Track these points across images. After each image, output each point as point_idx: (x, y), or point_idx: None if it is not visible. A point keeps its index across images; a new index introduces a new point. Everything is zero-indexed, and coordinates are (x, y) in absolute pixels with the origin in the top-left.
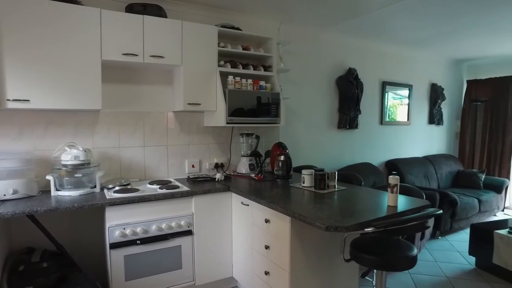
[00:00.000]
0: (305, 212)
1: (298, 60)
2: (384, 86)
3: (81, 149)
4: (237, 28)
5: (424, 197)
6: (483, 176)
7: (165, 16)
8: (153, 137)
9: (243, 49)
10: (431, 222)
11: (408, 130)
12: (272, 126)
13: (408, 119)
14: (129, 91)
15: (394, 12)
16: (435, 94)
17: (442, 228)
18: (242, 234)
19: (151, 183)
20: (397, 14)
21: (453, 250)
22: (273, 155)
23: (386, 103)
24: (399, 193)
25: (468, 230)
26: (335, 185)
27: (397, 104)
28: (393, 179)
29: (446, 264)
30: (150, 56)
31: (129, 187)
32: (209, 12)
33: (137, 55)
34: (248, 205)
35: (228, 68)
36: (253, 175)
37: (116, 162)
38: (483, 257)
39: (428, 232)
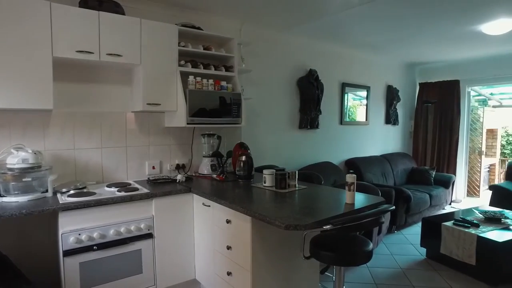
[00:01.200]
0: (265, 212)
1: (260, 61)
2: (344, 87)
3: (30, 151)
4: (198, 28)
5: (380, 194)
6: (434, 173)
7: (123, 13)
8: (112, 138)
9: (204, 49)
10: (387, 218)
11: (367, 130)
12: (234, 126)
13: (366, 119)
14: (86, 91)
15: (350, 17)
16: (391, 95)
17: (398, 223)
18: (204, 236)
19: (109, 186)
20: (354, 19)
21: (407, 243)
22: (235, 155)
23: (346, 104)
24: (357, 191)
25: (420, 224)
26: (296, 184)
27: (357, 105)
28: (350, 178)
29: (400, 257)
30: (107, 54)
31: (85, 190)
32: (169, 11)
33: (92, 53)
34: (209, 206)
35: (189, 68)
36: (215, 175)
37: (71, 164)
38: (432, 248)
39: (385, 227)
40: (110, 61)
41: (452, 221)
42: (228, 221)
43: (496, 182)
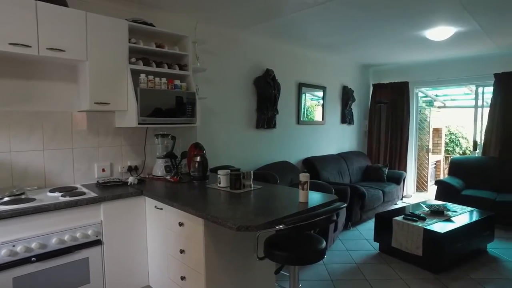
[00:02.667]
0: (218, 213)
1: (216, 60)
2: (300, 87)
3: None
4: (150, 24)
5: (334, 192)
6: (386, 170)
7: (65, 5)
8: (55, 140)
9: (157, 46)
10: (343, 215)
11: (323, 129)
12: (189, 126)
13: (323, 119)
14: (24, 88)
15: (306, 17)
16: (346, 95)
17: (353, 219)
18: (157, 240)
19: (52, 191)
20: (309, 20)
21: (362, 238)
22: (190, 156)
23: (303, 104)
24: (312, 190)
25: (374, 218)
26: (251, 185)
27: (315, 105)
28: (303, 177)
29: (355, 252)
30: (47, 48)
31: (23, 196)
32: (119, 5)
33: (30, 47)
34: (161, 209)
35: (141, 66)
36: (168, 177)
37: (6, 169)
38: (385, 242)
39: (341, 224)
40: (51, 56)
41: (402, 216)
42: (180, 224)
43: (441, 177)
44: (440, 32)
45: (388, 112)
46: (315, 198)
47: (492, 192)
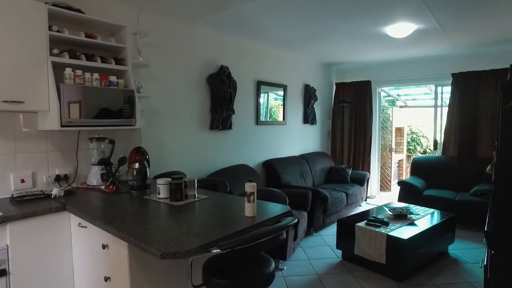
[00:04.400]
0: (143, 235)
1: (163, 55)
2: (259, 85)
3: None
4: (78, 10)
5: (288, 201)
6: (350, 171)
7: None
8: None
9: (86, 36)
10: (305, 221)
11: (284, 129)
12: (129, 128)
13: (284, 119)
14: None
15: (259, 10)
16: (308, 94)
17: (316, 224)
18: (83, 265)
19: None
20: (262, 13)
21: (325, 245)
22: (130, 162)
23: (263, 103)
24: (263, 198)
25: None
26: (195, 195)
27: (278, 104)
28: (249, 187)
29: (317, 261)
30: None
31: None
32: None
33: None
34: (86, 227)
35: (66, 59)
36: (103, 187)
37: None
38: (347, 249)
39: (302, 230)
40: None
41: (364, 221)
42: (104, 246)
43: (404, 176)
44: (401, 29)
45: (351, 112)
46: (265, 210)
47: (452, 192)
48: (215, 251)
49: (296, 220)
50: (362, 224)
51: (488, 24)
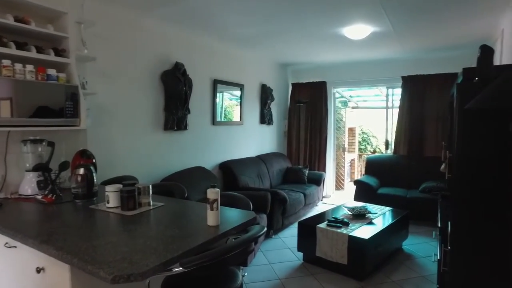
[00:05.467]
0: (90, 254)
1: (112, 48)
2: (215, 84)
3: None
4: None
5: (251, 206)
6: (307, 171)
7: None
8: None
9: (16, 20)
10: (264, 223)
11: (241, 130)
12: (72, 129)
13: (240, 119)
14: None
15: (216, 5)
16: (265, 94)
17: (275, 227)
18: None
19: None
20: (220, 8)
21: (285, 247)
22: (74, 166)
23: (219, 103)
24: (226, 204)
25: (297, 224)
26: (149, 202)
27: (234, 104)
28: (212, 193)
29: (279, 265)
30: None
31: None
32: None
33: None
34: (15, 247)
35: None
36: (40, 196)
37: None
38: (309, 251)
39: None
40: None
41: (325, 222)
42: (39, 270)
43: (356, 175)
44: (358, 31)
45: (307, 112)
46: (228, 218)
47: (403, 189)
48: (177, 269)
49: (265, 229)
50: (323, 225)
51: (436, 31)
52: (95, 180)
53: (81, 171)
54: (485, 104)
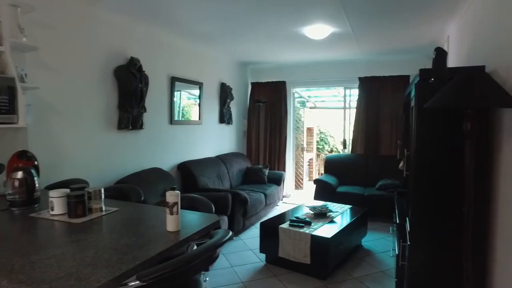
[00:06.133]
0: (27, 273)
1: (58, 38)
2: (173, 82)
3: None
4: None
5: (213, 209)
6: (267, 171)
7: None
8: None
9: None
10: (225, 225)
11: (200, 129)
12: (10, 127)
13: (199, 118)
14: None
15: None
16: (225, 93)
17: (236, 228)
18: None
19: None
20: (179, 2)
21: (247, 249)
22: (10, 170)
23: (178, 101)
24: (186, 208)
25: (258, 225)
26: (102, 207)
27: (192, 104)
28: (171, 196)
29: (241, 267)
30: None
31: None
32: None
33: None
34: None
35: None
36: None
37: None
38: (271, 252)
39: None
40: None
41: (287, 222)
42: None
43: (314, 174)
44: (318, 31)
45: (266, 112)
46: (190, 222)
47: (361, 187)
48: (133, 283)
49: (230, 234)
50: (285, 225)
51: (391, 35)
52: (36, 185)
53: (19, 174)
54: (442, 104)
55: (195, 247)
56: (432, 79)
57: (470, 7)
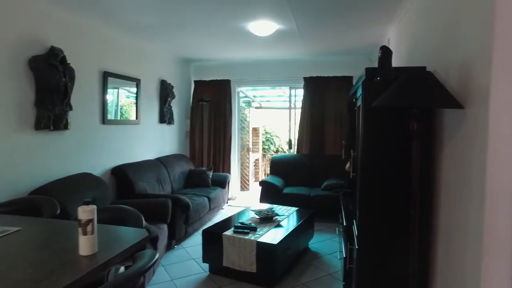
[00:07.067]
0: None
1: None
2: (106, 77)
3: None
4: None
5: (143, 222)
6: (211, 173)
7: None
8: None
9: None
10: (165, 234)
11: (138, 130)
12: None
13: (137, 118)
14: None
15: None
16: (165, 91)
17: (177, 236)
18: None
19: None
20: None
21: (189, 258)
22: None
23: (117, 99)
24: (107, 223)
25: (201, 231)
26: None
27: (131, 103)
28: (84, 212)
29: (182, 280)
30: None
31: None
32: None
33: None
34: None
35: None
36: None
37: None
38: (215, 261)
39: (162, 246)
40: None
41: (232, 229)
42: None
43: (261, 174)
44: (263, 27)
45: (210, 111)
46: (111, 241)
47: (307, 188)
48: None
49: (157, 257)
50: (229, 232)
51: (335, 35)
52: None
53: None
54: (390, 103)
55: (122, 269)
56: (378, 78)
57: (409, 11)
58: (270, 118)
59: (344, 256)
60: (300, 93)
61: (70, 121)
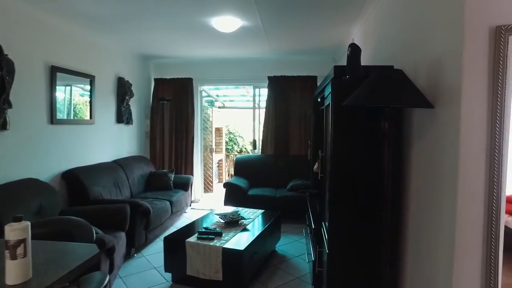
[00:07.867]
0: None
1: None
2: (54, 72)
3: None
4: None
5: (94, 236)
6: (173, 176)
7: None
8: None
9: None
10: (123, 242)
11: (92, 130)
12: None
13: (91, 117)
14: None
15: None
16: (123, 89)
17: (137, 244)
18: None
19: None
20: None
21: (150, 267)
22: None
23: (70, 97)
24: (53, 237)
25: (163, 237)
26: None
27: (85, 101)
28: (13, 232)
29: None
30: None
31: None
32: None
33: None
34: None
35: None
36: None
37: None
38: (178, 270)
39: (120, 256)
40: None
41: (195, 235)
42: None
43: (224, 175)
44: (227, 23)
45: (172, 111)
46: (52, 262)
47: (272, 189)
48: None
49: (107, 280)
50: (193, 239)
51: (300, 34)
52: None
53: None
54: (364, 102)
55: None
56: (347, 76)
57: (374, 11)
58: (234, 118)
59: (313, 259)
60: (264, 92)
61: (10, 120)
